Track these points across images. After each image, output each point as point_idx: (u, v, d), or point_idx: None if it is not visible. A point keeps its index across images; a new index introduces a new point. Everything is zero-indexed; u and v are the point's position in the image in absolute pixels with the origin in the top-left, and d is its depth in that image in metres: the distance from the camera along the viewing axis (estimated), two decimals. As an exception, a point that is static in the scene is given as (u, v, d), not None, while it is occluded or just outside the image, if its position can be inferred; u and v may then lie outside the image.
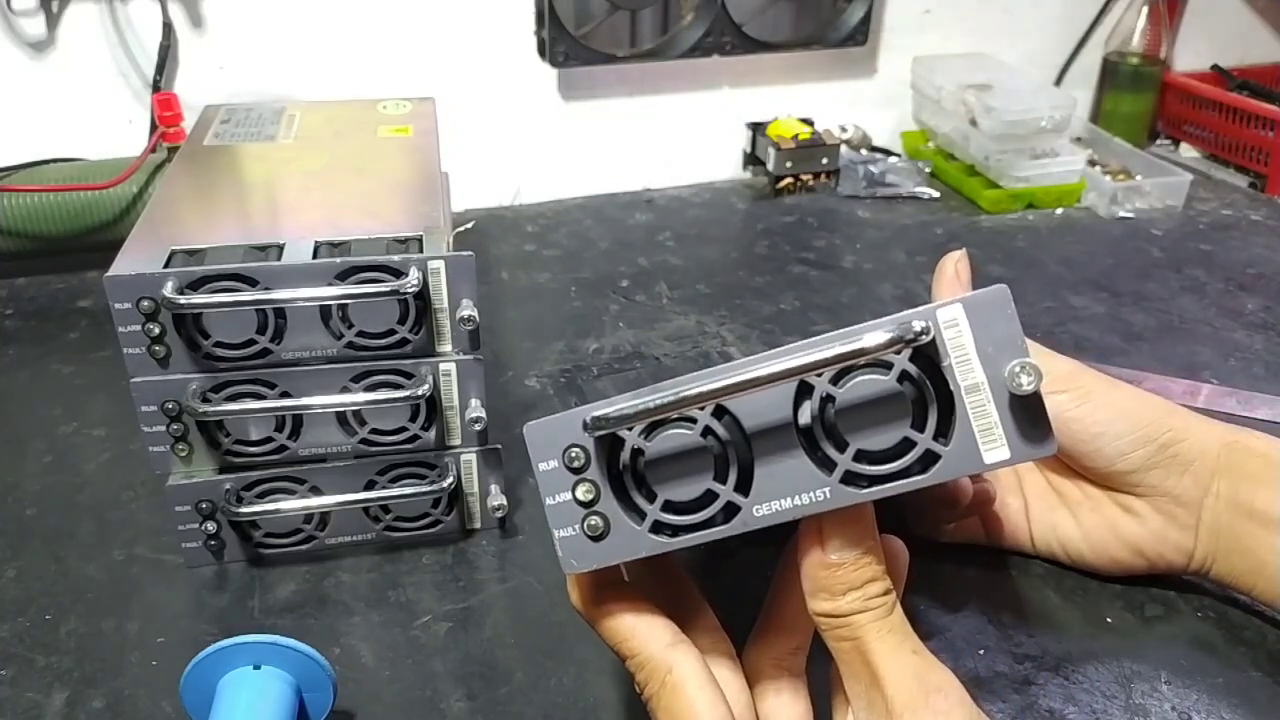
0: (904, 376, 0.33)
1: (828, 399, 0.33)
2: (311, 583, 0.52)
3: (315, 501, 0.52)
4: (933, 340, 0.32)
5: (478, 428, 0.52)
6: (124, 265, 0.47)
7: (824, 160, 0.99)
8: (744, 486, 0.34)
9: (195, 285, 0.46)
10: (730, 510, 0.34)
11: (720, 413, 0.34)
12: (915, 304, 0.34)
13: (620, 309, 0.79)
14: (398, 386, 0.50)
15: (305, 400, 0.49)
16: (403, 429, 0.52)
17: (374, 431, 0.51)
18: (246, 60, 0.86)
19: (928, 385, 0.33)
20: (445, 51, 0.91)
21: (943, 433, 0.33)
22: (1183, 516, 0.47)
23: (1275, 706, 0.45)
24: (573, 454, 0.34)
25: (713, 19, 0.93)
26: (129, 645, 0.48)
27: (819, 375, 0.33)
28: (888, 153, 1.07)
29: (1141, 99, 1.11)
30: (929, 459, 0.33)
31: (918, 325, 0.31)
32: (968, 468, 0.33)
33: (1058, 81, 1.13)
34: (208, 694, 0.42)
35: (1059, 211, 0.97)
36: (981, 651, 0.48)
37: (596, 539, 0.34)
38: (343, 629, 0.49)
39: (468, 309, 0.49)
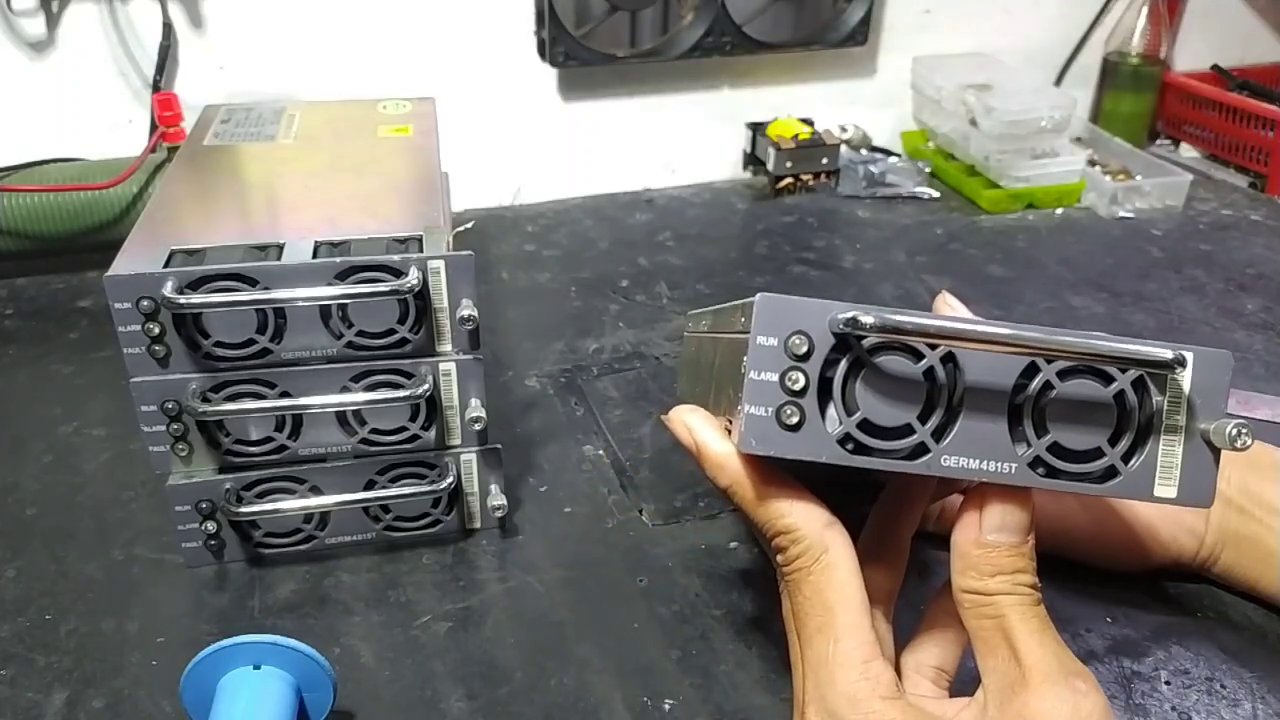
0: (1119, 394, 0.35)
1: (1047, 386, 0.35)
2: (311, 583, 0.52)
3: (315, 501, 0.52)
4: (1165, 376, 0.35)
5: (478, 427, 0.52)
6: (124, 265, 0.47)
7: (824, 160, 0.99)
8: (938, 433, 0.35)
9: (195, 285, 0.46)
10: (919, 450, 0.35)
11: (947, 360, 0.34)
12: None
13: (620, 309, 0.79)
14: (398, 386, 0.50)
15: (305, 400, 0.49)
16: (403, 429, 0.52)
17: (374, 431, 0.51)
18: (246, 60, 0.86)
19: (1138, 410, 0.35)
20: (445, 51, 0.91)
21: (1129, 456, 0.35)
22: None
23: (1275, 707, 0.45)
24: (795, 341, 0.35)
25: (713, 19, 0.93)
26: (129, 645, 0.48)
27: (1050, 362, 0.34)
28: (888, 153, 1.07)
29: (1141, 99, 1.11)
30: (1109, 474, 0.36)
31: (1170, 355, 0.33)
32: (1137, 494, 0.36)
33: (1058, 81, 1.13)
34: (208, 694, 0.42)
35: (1059, 211, 0.97)
36: (981, 651, 0.48)
37: (787, 429, 0.35)
38: (343, 629, 0.49)
39: (467, 309, 0.49)
